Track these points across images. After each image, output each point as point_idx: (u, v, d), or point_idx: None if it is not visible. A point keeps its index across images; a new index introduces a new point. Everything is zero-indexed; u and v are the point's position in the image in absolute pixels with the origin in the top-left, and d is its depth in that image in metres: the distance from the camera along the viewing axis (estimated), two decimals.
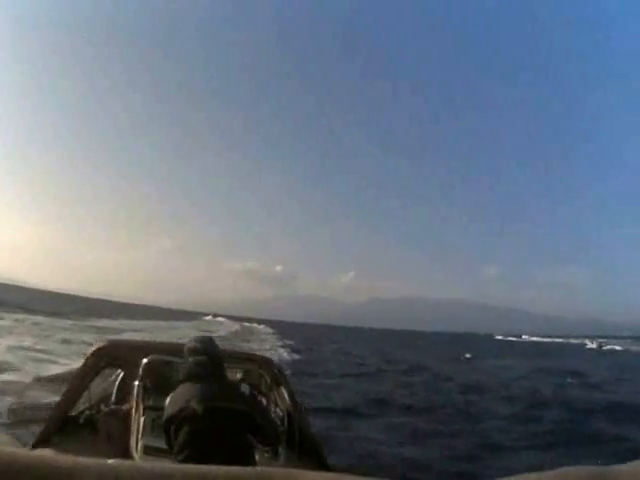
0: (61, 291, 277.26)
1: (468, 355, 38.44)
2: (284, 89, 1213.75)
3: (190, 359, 3.63)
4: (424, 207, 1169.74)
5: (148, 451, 4.15)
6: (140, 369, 4.76)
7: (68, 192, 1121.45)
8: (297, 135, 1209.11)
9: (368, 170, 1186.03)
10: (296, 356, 24.54)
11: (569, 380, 20.81)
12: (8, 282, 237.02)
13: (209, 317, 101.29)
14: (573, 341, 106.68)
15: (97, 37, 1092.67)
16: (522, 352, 53.04)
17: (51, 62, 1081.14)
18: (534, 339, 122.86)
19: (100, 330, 24.87)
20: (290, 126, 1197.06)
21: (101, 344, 5.35)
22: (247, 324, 77.23)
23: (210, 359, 3.62)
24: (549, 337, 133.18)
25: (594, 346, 76.30)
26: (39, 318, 31.59)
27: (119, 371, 5.61)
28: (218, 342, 3.99)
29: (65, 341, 19.49)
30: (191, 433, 3.37)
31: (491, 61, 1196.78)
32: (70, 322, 31.95)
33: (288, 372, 6.91)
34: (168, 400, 3.59)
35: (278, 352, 24.97)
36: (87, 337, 21.59)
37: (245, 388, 4.49)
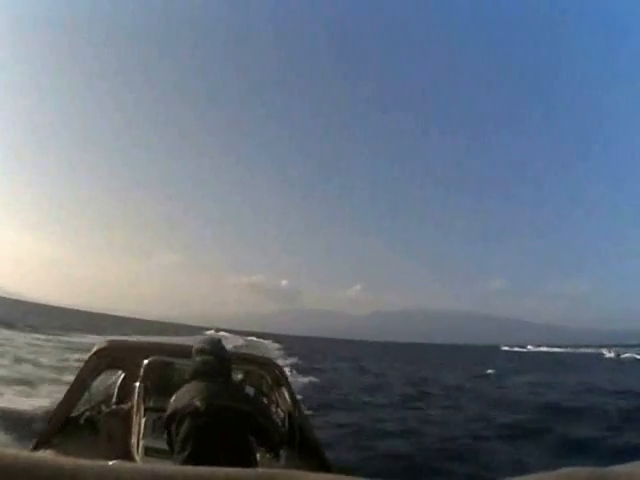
0: (64, 305, 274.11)
1: (490, 371, 35.07)
2: (281, 90, 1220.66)
3: (197, 358, 3.59)
4: (424, 215, 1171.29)
5: (149, 452, 4.21)
6: (141, 370, 4.83)
7: (68, 202, 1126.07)
8: (293, 136, 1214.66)
9: (367, 174, 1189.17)
10: (304, 379, 20.07)
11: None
12: (6, 296, 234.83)
13: (211, 332, 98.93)
14: (585, 350, 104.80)
15: (95, 38, 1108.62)
16: (540, 365, 49.27)
17: (49, 62, 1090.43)
18: (542, 349, 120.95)
19: (74, 348, 21.34)
20: (286, 127, 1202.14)
21: (102, 345, 5.22)
22: (252, 338, 74.58)
23: (217, 359, 3.58)
24: (555, 347, 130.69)
25: (612, 355, 73.61)
26: (8, 332, 28.23)
27: (120, 372, 5.55)
28: None
29: (17, 361, 15.80)
30: (192, 430, 3.27)
31: (491, 62, 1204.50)
32: (44, 337, 28.34)
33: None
34: (173, 398, 3.50)
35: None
36: (49, 358, 17.88)
37: (250, 390, 4.81)
